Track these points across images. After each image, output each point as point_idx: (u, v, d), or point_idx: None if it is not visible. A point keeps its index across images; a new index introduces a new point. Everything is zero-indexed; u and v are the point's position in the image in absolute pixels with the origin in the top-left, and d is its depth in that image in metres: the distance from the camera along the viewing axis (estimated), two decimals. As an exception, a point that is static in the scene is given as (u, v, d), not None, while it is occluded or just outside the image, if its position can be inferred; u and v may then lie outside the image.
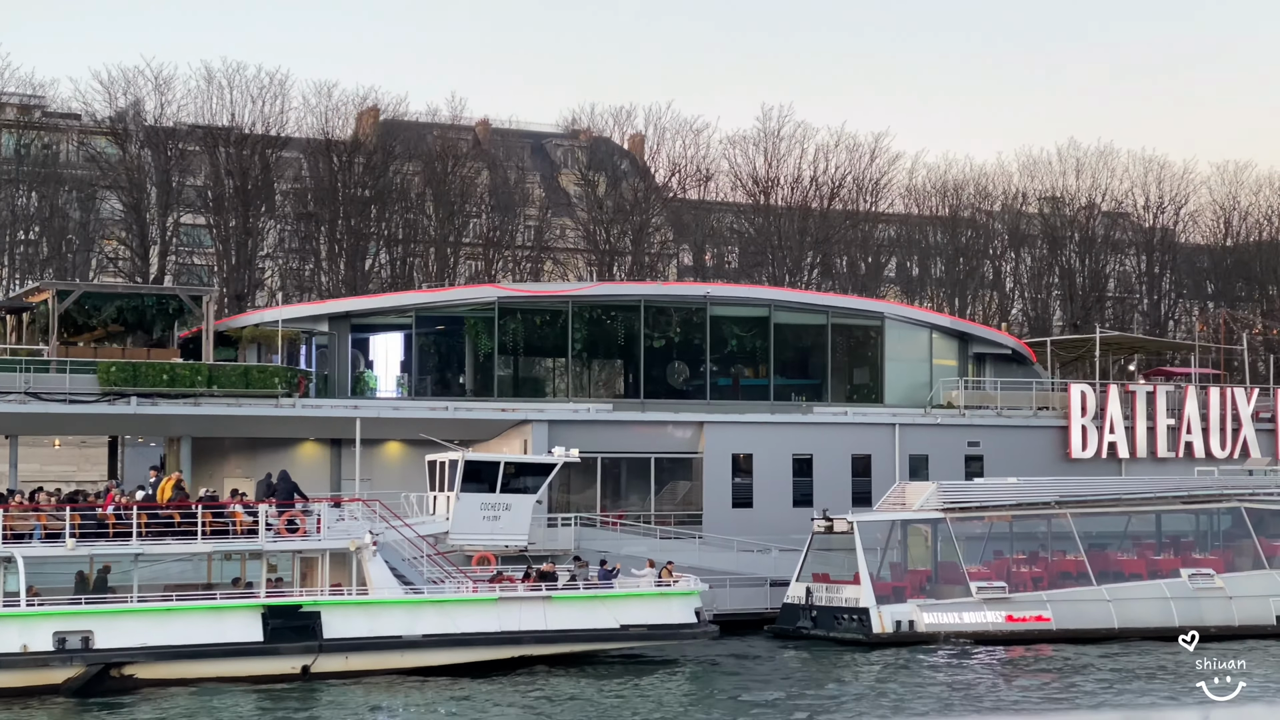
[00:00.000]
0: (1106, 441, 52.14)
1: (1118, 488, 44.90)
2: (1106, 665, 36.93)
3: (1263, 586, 43.45)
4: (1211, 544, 45.61)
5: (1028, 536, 44.48)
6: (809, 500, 47.06)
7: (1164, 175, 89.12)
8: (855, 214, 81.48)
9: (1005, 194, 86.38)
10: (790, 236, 79.22)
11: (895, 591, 41.06)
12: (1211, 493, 45.37)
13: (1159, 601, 42.33)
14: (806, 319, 49.92)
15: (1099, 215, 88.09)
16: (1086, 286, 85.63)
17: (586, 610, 34.94)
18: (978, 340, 53.32)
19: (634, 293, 48.52)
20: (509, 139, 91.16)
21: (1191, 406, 53.53)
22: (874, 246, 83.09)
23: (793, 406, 48.80)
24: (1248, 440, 54.19)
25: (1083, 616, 41.51)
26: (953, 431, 50.33)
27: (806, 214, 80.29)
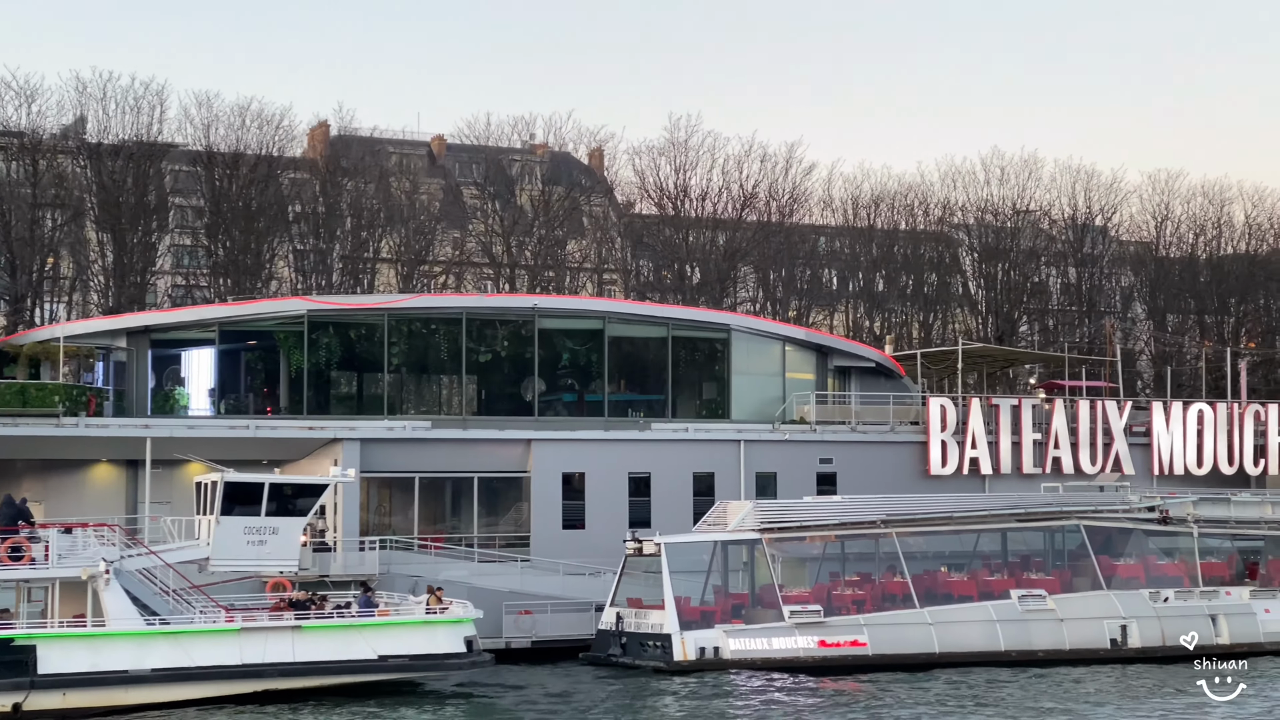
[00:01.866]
0: (968, 457, 50.39)
1: (949, 506, 43.05)
2: (908, 694, 35.23)
3: (1098, 608, 41.61)
4: (1051, 564, 43.80)
5: (858, 557, 42.77)
6: (647, 521, 45.36)
7: (1092, 184, 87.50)
8: (768, 225, 79.95)
9: (927, 204, 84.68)
10: (699, 249, 77.65)
11: (704, 617, 39.32)
12: (1051, 510, 43.55)
13: (984, 625, 40.53)
14: (645, 331, 48.28)
15: (1025, 224, 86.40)
16: (1004, 298, 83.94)
17: (341, 641, 33.29)
18: (838, 353, 51.61)
19: (456, 305, 46.92)
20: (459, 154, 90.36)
21: (1059, 421, 51.74)
22: (794, 258, 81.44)
23: (629, 423, 47.13)
24: (1120, 455, 52.38)
25: (902, 641, 39.70)
26: (803, 448, 48.63)
27: (717, 225, 78.88)
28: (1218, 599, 42.81)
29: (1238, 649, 41.96)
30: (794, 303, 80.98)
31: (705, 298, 75.56)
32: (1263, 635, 42.59)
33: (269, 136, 69.01)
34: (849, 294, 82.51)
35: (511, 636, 41.85)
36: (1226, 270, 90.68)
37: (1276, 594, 43.49)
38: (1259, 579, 44.34)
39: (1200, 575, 43.34)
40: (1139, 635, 41.40)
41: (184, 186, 69.27)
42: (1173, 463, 53.17)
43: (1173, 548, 44.50)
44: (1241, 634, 42.37)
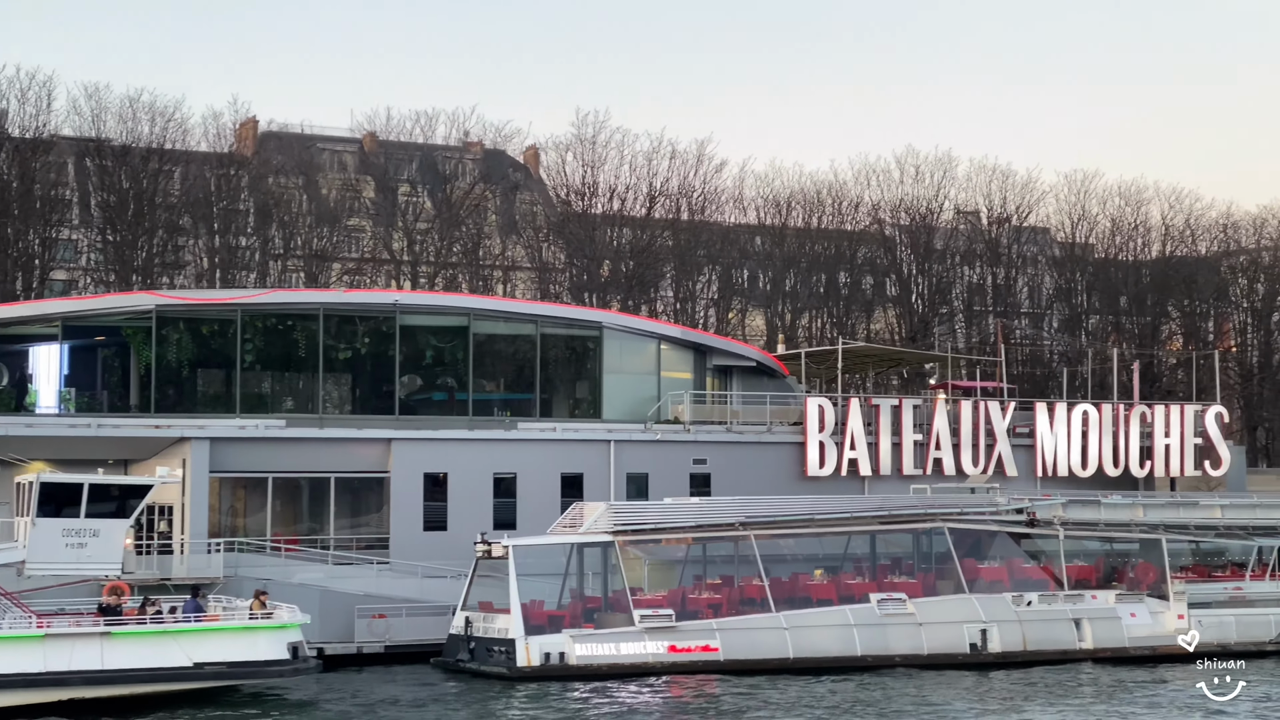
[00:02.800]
0: (847, 458, 49.68)
1: (810, 508, 42.26)
2: (751, 703, 34.45)
3: (959, 613, 40.89)
4: (917, 567, 43.08)
5: (718, 560, 41.96)
6: (512, 523, 44.45)
7: (1008, 184, 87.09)
8: (677, 222, 79.14)
9: (840, 203, 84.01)
10: (603, 246, 76.76)
11: (552, 621, 38.39)
12: (916, 513, 42.82)
13: (841, 629, 39.76)
14: (512, 329, 47.38)
15: (940, 225, 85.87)
16: (920, 298, 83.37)
17: (154, 648, 32.18)
18: (717, 352, 50.82)
19: (313, 300, 45.89)
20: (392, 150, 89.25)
21: (941, 421, 51.10)
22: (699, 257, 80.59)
23: (495, 422, 46.22)
24: (1003, 456, 51.79)
25: (755, 646, 38.89)
26: (677, 449, 47.81)
27: (623, 221, 77.98)
28: (1083, 603, 42.19)
29: (1101, 653, 41.58)
30: (736, 302, 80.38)
31: (625, 296, 74.87)
32: (1128, 640, 41.99)
33: (161, 129, 67.87)
34: (761, 293, 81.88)
35: (364, 641, 40.89)
36: (1145, 272, 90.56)
37: (1143, 598, 42.90)
38: (1126, 582, 43.76)
39: (1066, 579, 42.70)
40: (999, 640, 40.72)
41: (76, 180, 68.13)
42: (1056, 464, 52.62)
43: (1040, 551, 43.88)
44: (1106, 638, 41.78)
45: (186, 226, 69.43)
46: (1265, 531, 45.43)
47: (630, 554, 42.34)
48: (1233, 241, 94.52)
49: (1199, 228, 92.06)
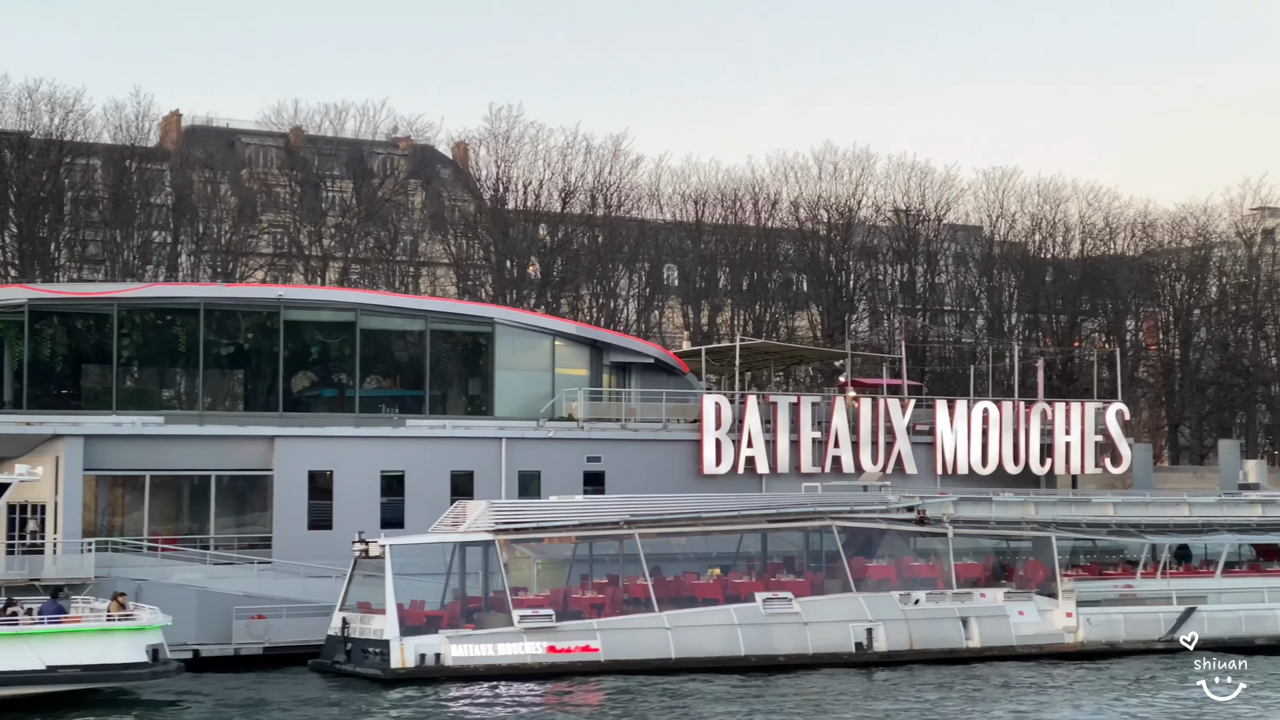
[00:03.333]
0: (744, 456, 49.27)
1: (697, 507, 41.80)
2: (617, 708, 33.97)
3: (845, 611, 40.54)
4: (807, 566, 42.74)
5: (606, 560, 41.43)
6: (400, 522, 43.76)
7: (926, 181, 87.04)
8: (594, 218, 78.58)
9: (758, 199, 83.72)
10: (516, 243, 76.09)
11: (430, 622, 37.71)
12: (805, 511, 42.45)
13: (725, 629, 39.31)
14: (402, 324, 46.67)
15: (858, 221, 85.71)
16: (838, 295, 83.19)
17: (5, 650, 31.29)
18: (614, 349, 50.27)
19: (193, 295, 45.08)
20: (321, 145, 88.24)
21: (840, 419, 50.76)
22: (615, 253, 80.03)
23: (382, 419, 45.48)
24: (902, 454, 51.53)
25: (636, 647, 38.38)
26: (570, 446, 47.24)
27: (539, 218, 77.31)
28: (971, 601, 41.94)
29: (988, 652, 41.35)
30: (656, 300, 79.80)
31: (539, 293, 74.23)
32: (1015, 638, 41.80)
33: (60, 120, 66.63)
34: (680, 290, 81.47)
35: (242, 642, 40.03)
36: (1064, 269, 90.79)
37: (1032, 596, 42.72)
38: (1016, 580, 43.58)
39: (955, 577, 42.43)
40: (885, 639, 40.41)
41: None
42: (956, 462, 52.42)
43: (932, 549, 43.62)
44: (993, 637, 41.56)
45: (96, 219, 68.29)
46: (1157, 529, 45.37)
47: (520, 553, 41.81)
48: (1151, 240, 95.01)
49: (1118, 226, 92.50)
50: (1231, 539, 46.20)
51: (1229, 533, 46.17)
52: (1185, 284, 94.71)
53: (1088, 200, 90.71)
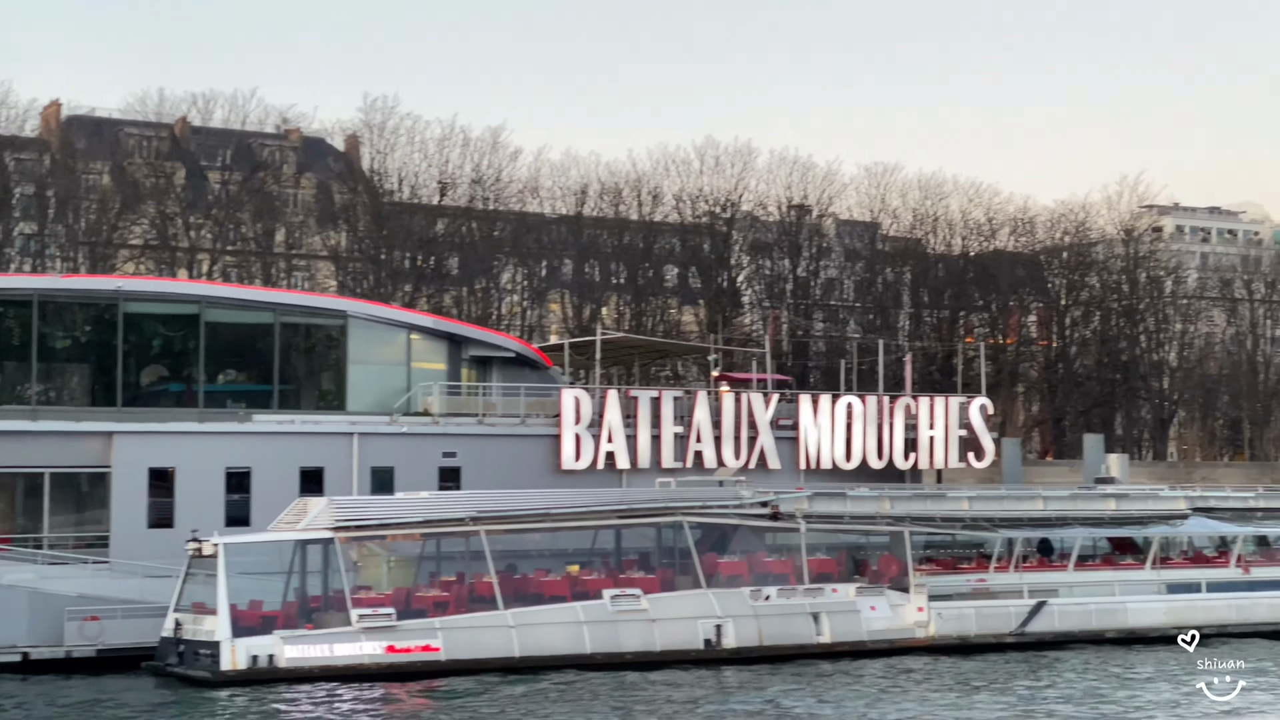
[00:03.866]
0: (604, 451, 48.66)
1: (547, 503, 41.17)
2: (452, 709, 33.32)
3: (695, 608, 40.12)
4: (659, 562, 42.31)
5: (456, 557, 40.70)
6: (246, 519, 42.63)
7: (808, 176, 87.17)
8: (472, 211, 77.81)
9: (639, 192, 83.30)
10: (394, 236, 75.15)
11: (264, 622, 36.76)
12: (655, 507, 41.97)
13: (571, 626, 38.76)
14: (249, 317, 45.53)
15: (741, 215, 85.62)
16: (719, 289, 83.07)
17: None
18: (474, 343, 49.44)
19: (26, 286, 43.63)
20: (205, 137, 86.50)
21: (702, 413, 50.31)
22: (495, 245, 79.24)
23: (228, 414, 44.35)
24: (765, 449, 51.20)
25: (479, 646, 37.70)
26: (425, 441, 46.33)
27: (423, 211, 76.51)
28: (822, 597, 41.72)
29: (838, 647, 41.15)
30: (530, 293, 78.99)
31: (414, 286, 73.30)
32: (866, 633, 41.66)
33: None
34: (561, 284, 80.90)
35: (74, 645, 38.78)
36: (947, 265, 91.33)
37: (884, 591, 42.60)
38: (869, 575, 43.46)
39: (807, 572, 42.18)
40: (735, 635, 40.06)
41: None
42: (820, 456, 52.18)
43: (785, 545, 43.33)
44: (844, 632, 41.38)
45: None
46: (1010, 524, 45.46)
47: (370, 551, 41.08)
48: (1032, 237, 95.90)
49: (998, 221, 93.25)
50: (1084, 533, 46.42)
51: (1081, 526, 46.40)
52: (1066, 280, 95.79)
53: (968, 196, 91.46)
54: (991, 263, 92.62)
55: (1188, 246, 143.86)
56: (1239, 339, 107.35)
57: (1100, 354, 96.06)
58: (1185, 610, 45.59)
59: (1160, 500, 48.48)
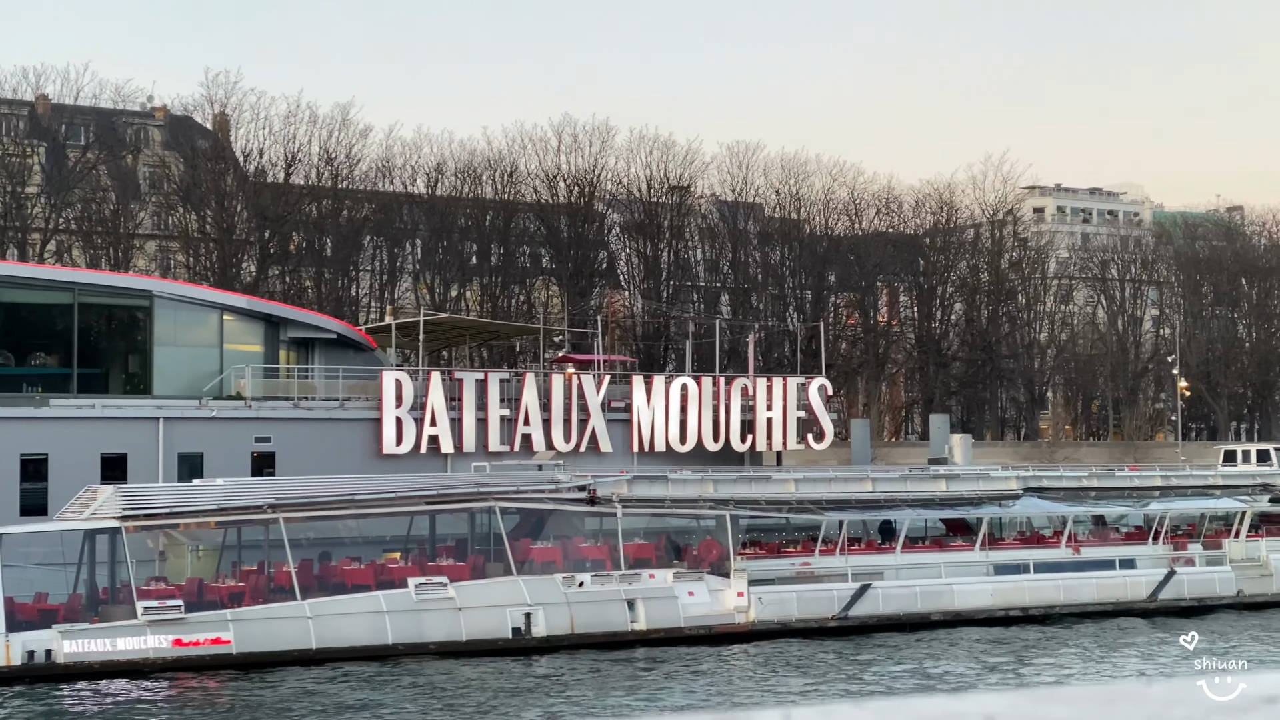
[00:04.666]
0: (427, 435, 47.44)
1: (351, 489, 39.76)
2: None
3: (503, 596, 38.90)
4: (472, 549, 41.07)
5: (253, 546, 39.19)
6: (44, 508, 41.00)
7: (669, 154, 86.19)
8: (319, 189, 75.88)
9: (495, 171, 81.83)
10: (230, 215, 73.10)
11: (44, 616, 35.04)
12: (467, 493, 40.72)
13: (372, 617, 37.36)
14: (45, 298, 43.77)
15: (601, 194, 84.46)
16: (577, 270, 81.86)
17: None
18: (293, 324, 47.98)
19: None
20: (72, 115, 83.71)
21: (530, 396, 49.26)
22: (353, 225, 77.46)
23: (23, 399, 42.50)
24: (597, 431, 50.26)
25: (273, 638, 36.19)
26: (237, 426, 44.85)
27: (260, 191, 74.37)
28: (639, 583, 40.68)
29: (654, 634, 40.18)
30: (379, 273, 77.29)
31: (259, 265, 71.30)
32: (683, 619, 40.65)
33: None
34: (412, 264, 79.29)
35: None
36: (811, 244, 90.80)
37: (703, 576, 41.69)
38: (690, 560, 42.55)
39: (624, 558, 41.14)
40: (545, 623, 38.94)
41: None
42: (654, 439, 51.35)
43: (603, 529, 42.31)
44: (660, 619, 40.35)
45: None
46: (837, 506, 44.77)
47: (175, 540, 39.52)
48: (897, 216, 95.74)
49: (862, 201, 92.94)
50: (911, 514, 45.85)
51: (909, 508, 45.83)
52: (934, 260, 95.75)
53: (831, 174, 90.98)
54: (859, 243, 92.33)
55: (1069, 227, 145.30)
56: (1111, 319, 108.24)
57: (966, 335, 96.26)
58: (1012, 591, 45.21)
59: (992, 481, 48.04)
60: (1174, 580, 47.34)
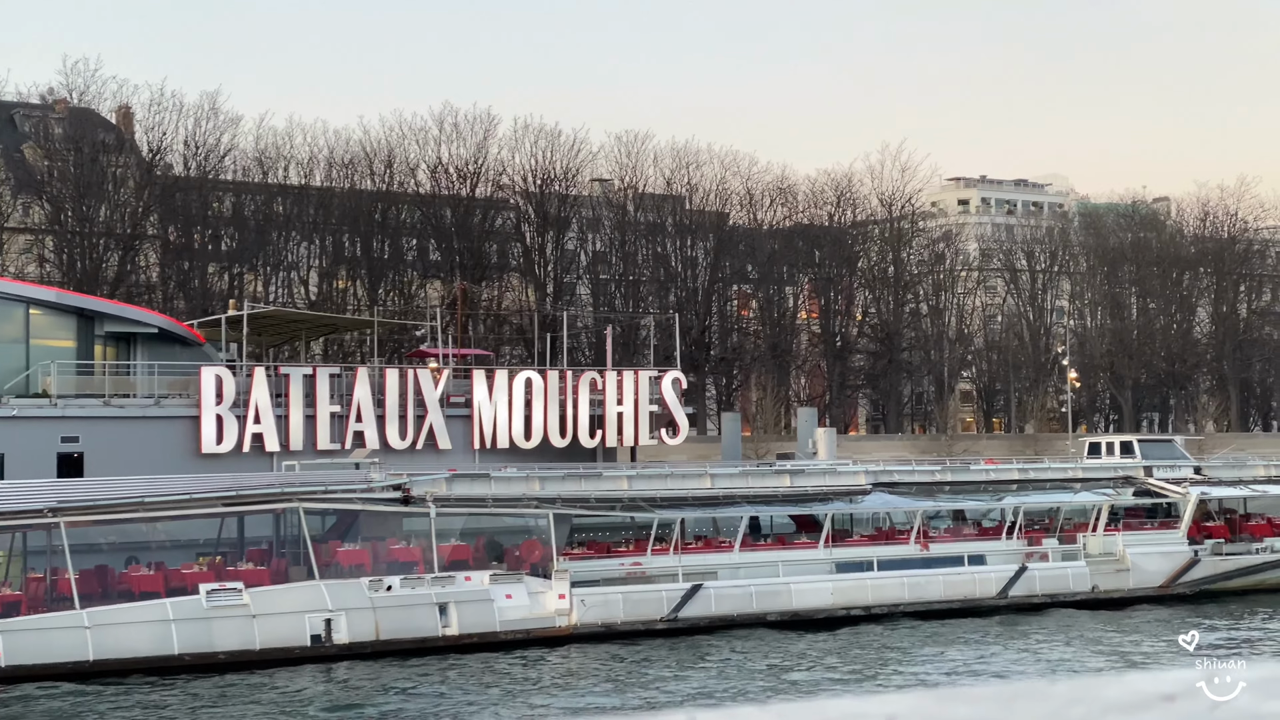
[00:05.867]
0: (250, 433, 45.42)
1: (140, 490, 37.69)
2: None
3: (303, 601, 36.95)
4: (276, 553, 39.15)
5: (39, 552, 37.09)
6: None
7: (555, 144, 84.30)
8: (187, 180, 73.58)
9: (371, 162, 79.67)
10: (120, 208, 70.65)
11: None
12: (271, 493, 38.75)
13: (158, 626, 35.33)
14: None
15: (484, 185, 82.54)
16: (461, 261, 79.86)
17: None
18: (110, 318, 45.83)
19: None
20: None
21: (363, 391, 47.33)
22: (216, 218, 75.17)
23: None
24: (435, 428, 48.38)
25: (46, 649, 34.00)
26: (41, 425, 42.69)
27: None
28: (452, 586, 38.85)
29: (467, 640, 38.38)
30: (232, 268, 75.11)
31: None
32: (499, 624, 38.86)
33: None
34: (279, 258, 77.03)
35: None
36: (703, 234, 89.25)
37: (522, 578, 39.91)
38: (510, 561, 40.77)
39: (439, 560, 39.28)
40: (347, 629, 37.03)
41: None
42: (496, 435, 49.52)
43: (419, 531, 40.45)
44: (474, 623, 38.51)
45: None
46: (672, 503, 43.11)
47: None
48: (793, 207, 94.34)
49: (756, 191, 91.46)
50: (750, 511, 44.27)
51: (749, 505, 44.25)
52: (835, 251, 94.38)
53: (723, 164, 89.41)
54: (753, 234, 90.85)
55: (994, 219, 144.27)
56: (1021, 311, 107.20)
57: (863, 326, 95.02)
58: (854, 590, 43.73)
59: (839, 476, 46.53)
60: (1025, 576, 46.00)
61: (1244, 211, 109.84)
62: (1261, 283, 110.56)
